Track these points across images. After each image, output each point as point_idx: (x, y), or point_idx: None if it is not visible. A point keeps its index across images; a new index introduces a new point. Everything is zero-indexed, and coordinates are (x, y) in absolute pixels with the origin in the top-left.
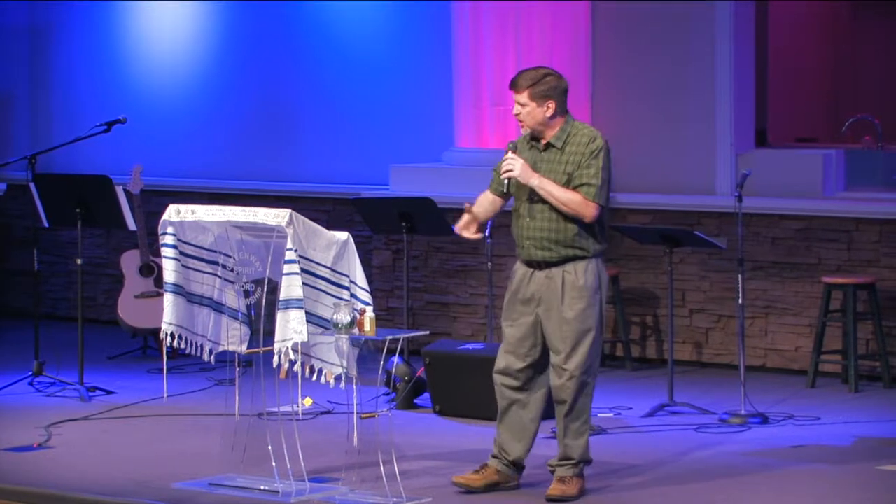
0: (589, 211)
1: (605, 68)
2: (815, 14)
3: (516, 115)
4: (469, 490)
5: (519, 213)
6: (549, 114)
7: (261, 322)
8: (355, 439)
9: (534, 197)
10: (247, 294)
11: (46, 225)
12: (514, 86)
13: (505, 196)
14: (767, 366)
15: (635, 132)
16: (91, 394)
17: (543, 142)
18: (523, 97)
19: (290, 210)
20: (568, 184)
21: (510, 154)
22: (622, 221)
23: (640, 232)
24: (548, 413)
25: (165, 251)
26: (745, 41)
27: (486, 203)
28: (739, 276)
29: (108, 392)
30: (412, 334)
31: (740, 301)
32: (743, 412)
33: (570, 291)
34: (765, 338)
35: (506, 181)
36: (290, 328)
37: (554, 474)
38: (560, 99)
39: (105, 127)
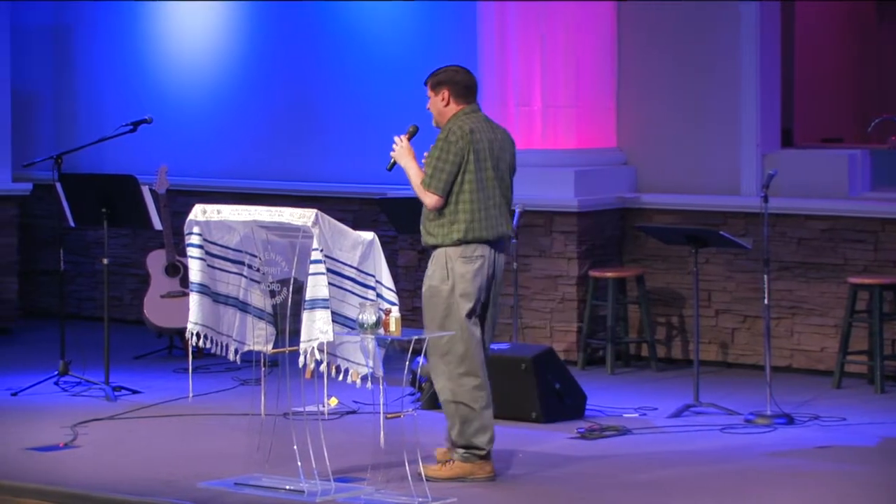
0: (425, 199)
1: (631, 68)
2: (840, 14)
3: (428, 108)
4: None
5: None
6: (444, 102)
7: (286, 322)
8: (381, 439)
9: None
10: (272, 294)
11: (72, 225)
12: (425, 83)
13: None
14: (793, 366)
15: (661, 132)
16: (117, 393)
17: None
18: (427, 89)
19: (315, 210)
20: None
21: (404, 137)
22: (648, 221)
23: (666, 232)
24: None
25: (191, 251)
26: (771, 41)
27: None
28: (765, 276)
29: (134, 392)
30: (438, 335)
31: (766, 301)
32: (769, 413)
33: (425, 279)
34: (791, 338)
35: (390, 159)
36: (316, 328)
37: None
38: (456, 89)
39: (131, 127)
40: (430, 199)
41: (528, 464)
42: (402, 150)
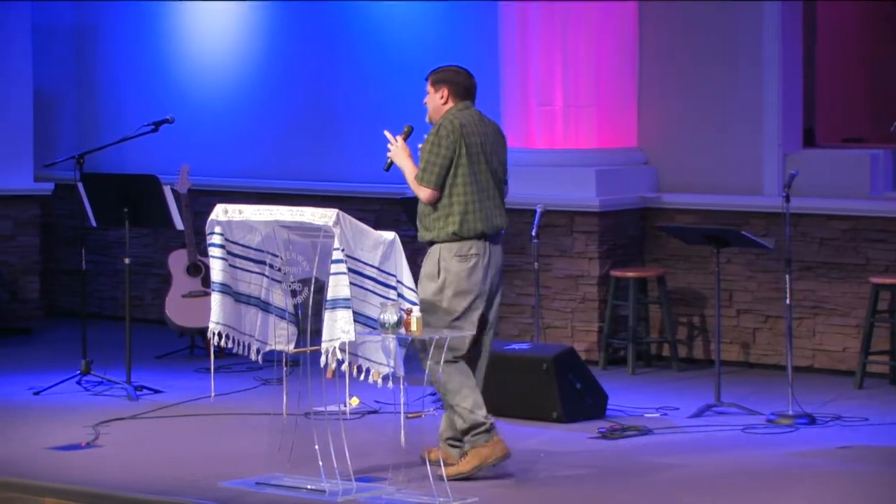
0: (420, 193)
1: (652, 68)
2: (863, 14)
3: (424, 103)
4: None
5: None
6: (443, 100)
7: (308, 321)
8: (402, 439)
9: None
10: (294, 293)
11: (94, 224)
12: (426, 79)
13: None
14: (815, 366)
15: (682, 132)
16: (138, 393)
17: None
18: (427, 86)
19: (337, 210)
20: None
21: (399, 137)
22: (669, 221)
23: (688, 232)
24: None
25: (213, 251)
26: (793, 41)
27: None
28: (787, 276)
29: (156, 391)
30: (458, 334)
31: (788, 301)
32: (790, 413)
33: (421, 275)
34: (812, 338)
35: (387, 159)
36: (338, 328)
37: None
38: (455, 89)
39: (152, 127)
40: (424, 193)
41: (548, 464)
42: (398, 150)
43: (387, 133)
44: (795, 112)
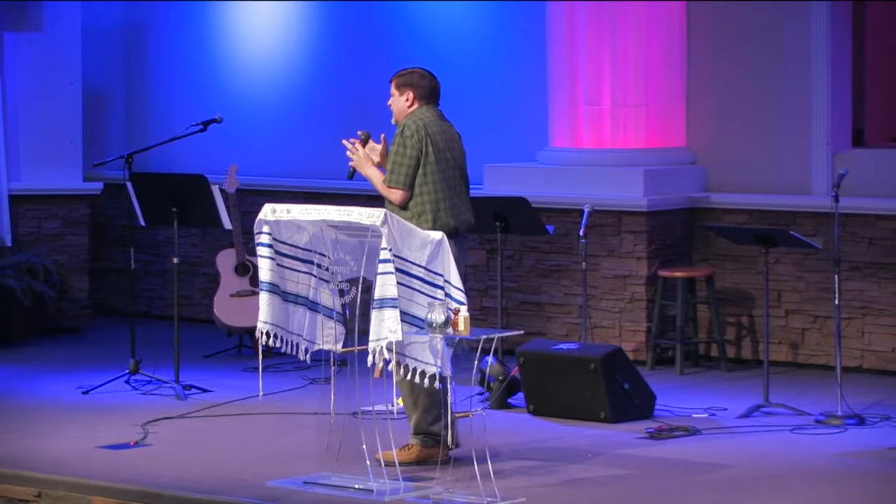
0: (390, 195)
1: (700, 67)
2: None
3: (389, 105)
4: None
5: None
6: (408, 103)
7: (356, 321)
8: (450, 439)
9: None
10: (342, 293)
11: (142, 224)
12: (390, 81)
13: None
14: (864, 367)
15: (731, 132)
16: (187, 392)
17: None
18: (391, 88)
19: (384, 209)
20: None
21: (357, 144)
22: (717, 221)
23: (736, 232)
24: None
25: (261, 250)
26: (841, 40)
27: None
28: (836, 276)
29: (204, 390)
30: (506, 334)
31: (837, 302)
32: (839, 413)
33: None
34: (861, 338)
35: (350, 168)
36: (385, 327)
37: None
38: (420, 92)
39: (201, 126)
40: (395, 195)
41: (596, 464)
42: (360, 159)
43: (345, 142)
44: (844, 111)
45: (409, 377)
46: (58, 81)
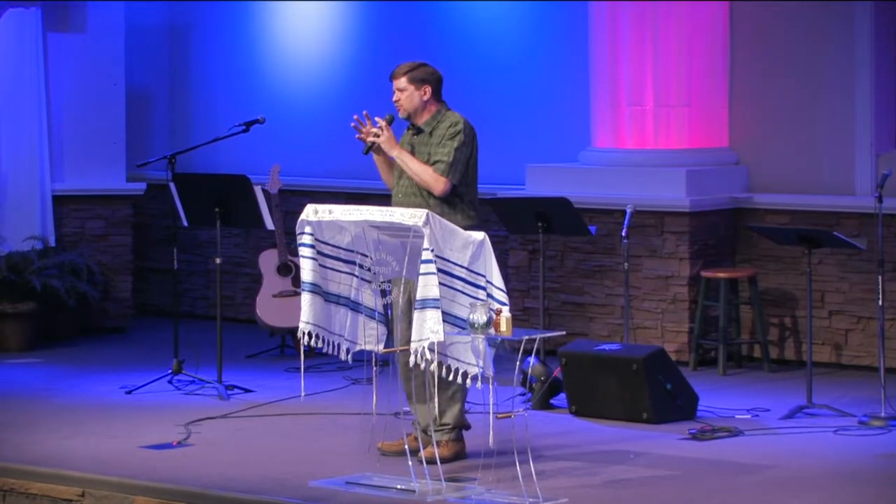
0: (438, 185)
1: (743, 68)
2: None
3: (396, 101)
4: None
5: (394, 189)
6: (425, 98)
7: (398, 321)
8: (491, 439)
9: (402, 174)
10: (384, 294)
11: (185, 224)
12: (393, 75)
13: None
14: None
15: (774, 132)
16: (230, 392)
17: (417, 126)
18: (402, 82)
19: (426, 210)
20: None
21: (384, 124)
22: (760, 222)
23: (779, 233)
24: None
25: (303, 251)
26: (885, 41)
27: (384, 168)
28: (880, 277)
29: (247, 390)
30: (548, 334)
31: (880, 302)
32: (883, 415)
33: None
34: None
35: (368, 144)
36: (427, 328)
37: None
38: (436, 87)
39: (244, 127)
40: (444, 186)
41: (638, 464)
42: (389, 139)
43: (377, 119)
44: (888, 112)
45: (444, 374)
46: (101, 82)
